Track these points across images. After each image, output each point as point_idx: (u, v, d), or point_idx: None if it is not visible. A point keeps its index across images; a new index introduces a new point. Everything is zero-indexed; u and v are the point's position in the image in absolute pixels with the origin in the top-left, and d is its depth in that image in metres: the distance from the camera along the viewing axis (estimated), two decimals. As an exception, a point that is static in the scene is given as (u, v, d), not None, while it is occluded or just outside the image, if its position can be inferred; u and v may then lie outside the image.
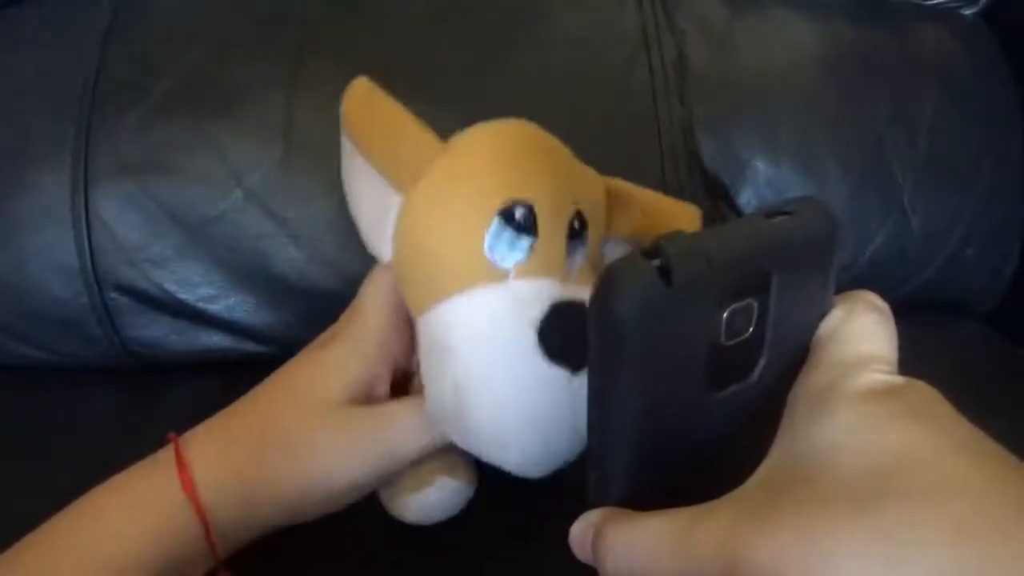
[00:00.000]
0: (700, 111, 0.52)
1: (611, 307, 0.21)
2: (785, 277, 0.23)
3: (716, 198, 0.52)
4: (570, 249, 0.32)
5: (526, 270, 0.31)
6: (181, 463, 0.32)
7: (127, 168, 0.47)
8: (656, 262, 0.21)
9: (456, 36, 0.51)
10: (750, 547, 0.19)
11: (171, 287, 0.48)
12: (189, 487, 0.31)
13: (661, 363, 0.22)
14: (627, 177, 0.41)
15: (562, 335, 0.30)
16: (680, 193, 0.50)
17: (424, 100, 0.48)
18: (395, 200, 0.33)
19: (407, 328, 0.35)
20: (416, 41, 0.50)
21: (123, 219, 0.47)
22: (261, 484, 0.33)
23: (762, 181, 0.52)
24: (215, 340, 0.50)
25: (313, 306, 0.49)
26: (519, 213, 0.31)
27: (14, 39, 0.51)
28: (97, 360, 0.50)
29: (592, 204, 0.34)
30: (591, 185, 0.35)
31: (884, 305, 0.25)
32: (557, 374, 0.30)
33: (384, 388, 0.35)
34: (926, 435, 0.20)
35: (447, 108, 0.48)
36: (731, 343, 0.23)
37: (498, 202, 0.31)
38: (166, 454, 0.33)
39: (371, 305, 0.35)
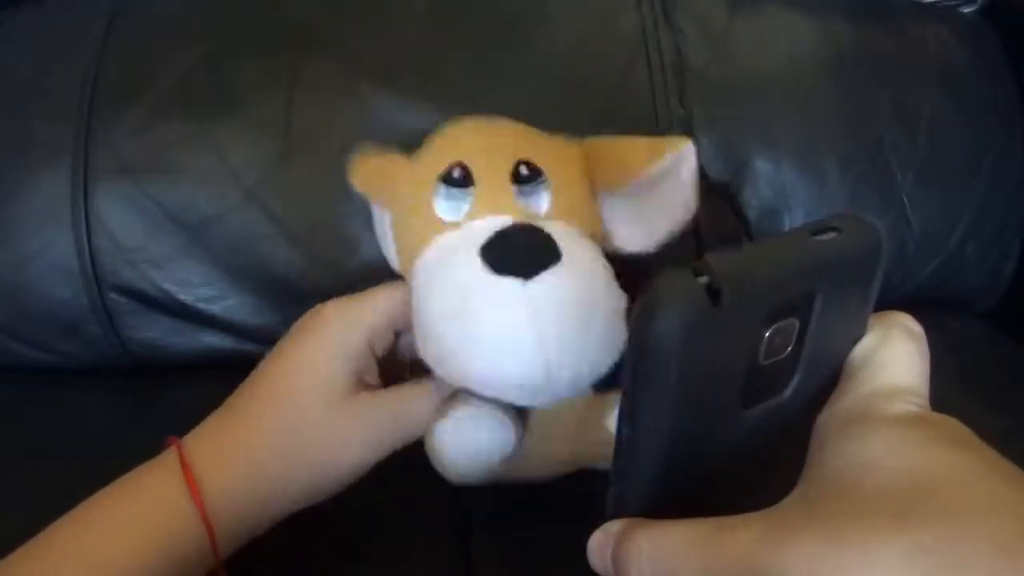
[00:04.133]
0: (700, 111, 0.52)
1: (654, 327, 0.20)
2: (828, 296, 0.22)
3: (716, 198, 0.52)
4: (523, 192, 0.36)
5: (474, 214, 0.35)
6: (186, 468, 0.32)
7: (126, 168, 0.47)
8: (703, 280, 0.20)
9: (456, 36, 0.51)
10: (782, 554, 0.19)
11: (171, 287, 0.48)
12: (195, 492, 0.31)
13: (698, 383, 0.21)
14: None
15: (505, 249, 0.33)
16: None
17: (424, 100, 0.49)
18: (388, 218, 0.41)
19: (392, 334, 0.37)
20: (416, 41, 0.50)
21: (123, 220, 0.47)
22: (277, 477, 0.33)
23: (762, 181, 0.52)
24: (215, 340, 0.50)
25: (313, 306, 0.48)
26: (456, 172, 0.36)
27: (14, 39, 0.51)
28: (97, 360, 0.50)
29: (546, 157, 0.37)
30: (545, 143, 0.39)
31: (919, 330, 0.24)
32: (508, 285, 0.32)
33: (374, 376, 0.36)
34: (965, 458, 0.20)
35: (447, 108, 0.48)
36: (768, 362, 0.22)
37: (438, 171, 0.36)
38: (169, 457, 0.33)
39: (370, 304, 0.36)
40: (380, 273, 0.48)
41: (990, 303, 0.60)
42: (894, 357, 0.24)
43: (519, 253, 0.33)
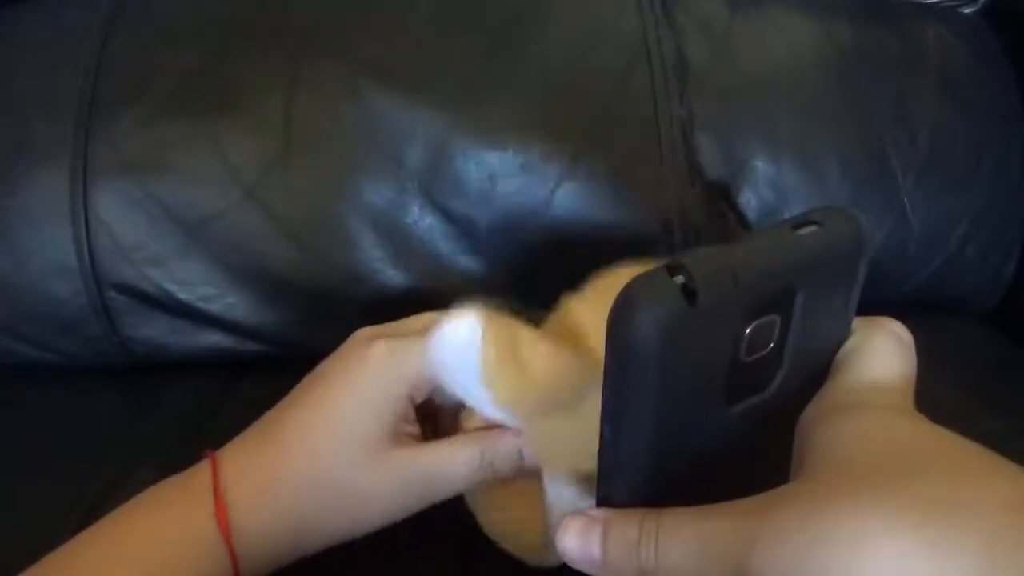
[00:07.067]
0: (700, 111, 0.52)
1: (630, 330, 0.20)
2: (810, 292, 0.22)
3: (716, 198, 0.52)
4: None
5: None
6: (218, 496, 0.31)
7: (126, 167, 0.47)
8: (679, 279, 0.20)
9: (456, 36, 0.51)
10: (753, 540, 0.19)
11: (170, 286, 0.48)
12: (223, 519, 0.31)
13: (678, 382, 0.21)
14: (627, 177, 0.41)
15: None
16: (679, 193, 0.50)
17: (424, 100, 0.49)
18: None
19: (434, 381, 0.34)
20: (416, 41, 0.50)
21: (122, 218, 0.47)
22: (309, 526, 0.33)
23: (762, 181, 0.52)
24: (214, 340, 0.50)
25: (313, 306, 0.49)
26: None
27: (14, 39, 0.51)
28: (97, 360, 0.50)
29: None
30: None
31: (907, 336, 0.24)
32: None
33: (412, 421, 0.34)
34: (950, 435, 0.20)
35: (447, 108, 0.49)
36: (751, 359, 0.22)
37: None
38: (199, 477, 0.32)
39: (417, 349, 0.33)
40: (379, 273, 0.48)
41: (990, 303, 0.60)
42: (877, 355, 0.24)
43: None
